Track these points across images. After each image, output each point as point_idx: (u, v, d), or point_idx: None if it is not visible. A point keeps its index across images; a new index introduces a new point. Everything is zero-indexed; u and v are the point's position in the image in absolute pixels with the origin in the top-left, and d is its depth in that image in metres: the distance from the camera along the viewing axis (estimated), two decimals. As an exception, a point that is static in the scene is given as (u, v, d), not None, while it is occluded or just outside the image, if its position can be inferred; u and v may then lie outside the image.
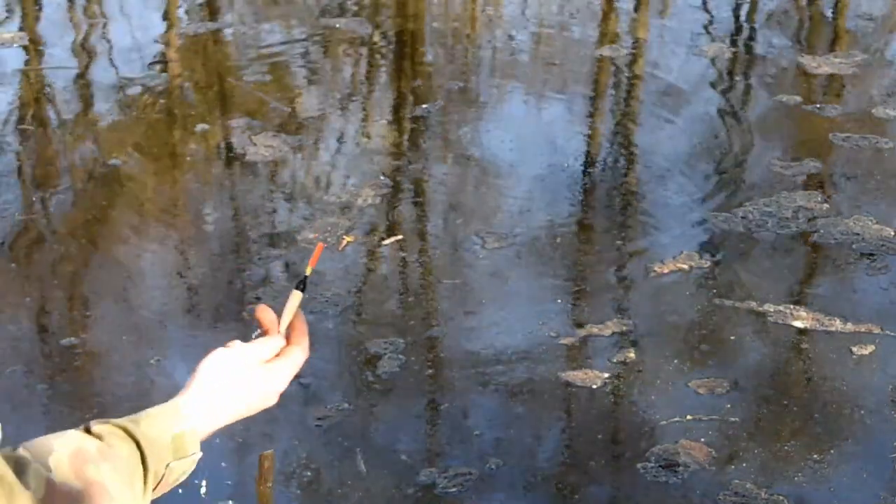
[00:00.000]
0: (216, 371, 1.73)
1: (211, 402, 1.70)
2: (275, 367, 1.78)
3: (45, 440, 1.56)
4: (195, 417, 1.68)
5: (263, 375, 1.77)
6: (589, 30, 7.60)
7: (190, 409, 1.68)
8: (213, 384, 1.71)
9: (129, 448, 1.59)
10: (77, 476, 1.52)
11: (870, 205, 5.70)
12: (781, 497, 4.11)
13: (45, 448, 1.54)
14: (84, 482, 1.53)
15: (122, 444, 1.59)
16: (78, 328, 4.95)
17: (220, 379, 1.72)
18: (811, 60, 7.03)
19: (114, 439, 1.59)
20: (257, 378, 1.76)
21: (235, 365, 1.74)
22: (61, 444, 1.55)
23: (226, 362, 1.74)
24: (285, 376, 1.80)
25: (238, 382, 1.74)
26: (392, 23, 7.68)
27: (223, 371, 1.73)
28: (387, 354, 4.73)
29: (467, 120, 6.55)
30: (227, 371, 1.73)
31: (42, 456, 1.53)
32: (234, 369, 1.74)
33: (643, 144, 6.28)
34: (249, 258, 5.37)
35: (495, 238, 5.45)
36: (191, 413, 1.68)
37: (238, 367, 1.74)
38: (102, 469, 1.55)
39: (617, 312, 4.99)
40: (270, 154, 6.13)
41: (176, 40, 7.48)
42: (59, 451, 1.54)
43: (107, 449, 1.57)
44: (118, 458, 1.58)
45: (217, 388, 1.71)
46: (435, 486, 4.16)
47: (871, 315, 4.95)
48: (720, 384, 4.60)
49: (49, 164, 6.23)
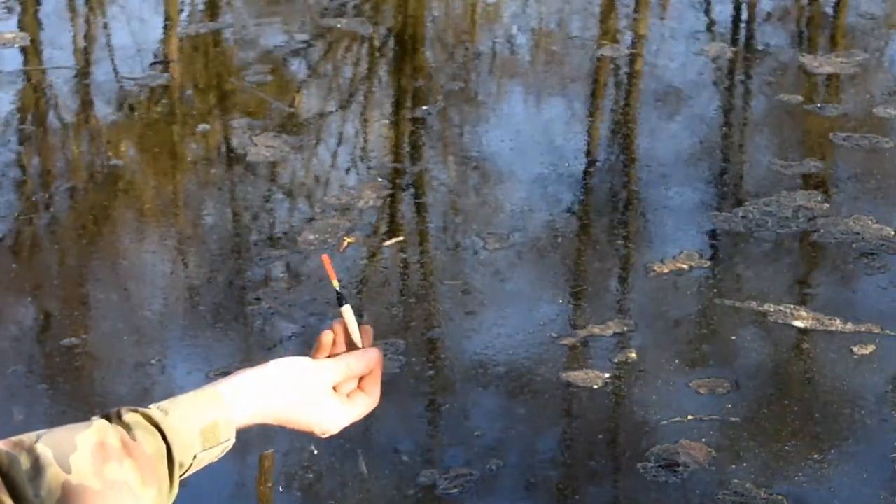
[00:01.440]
0: (285, 372, 1.68)
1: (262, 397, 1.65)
2: (346, 403, 1.73)
3: (69, 433, 1.51)
4: (237, 407, 1.62)
5: (331, 401, 1.71)
6: (589, 29, 7.60)
7: (233, 397, 1.62)
8: (274, 382, 1.66)
9: (155, 443, 1.54)
10: (97, 475, 1.48)
11: (870, 204, 5.70)
12: (780, 497, 4.11)
13: (68, 444, 1.49)
14: (104, 483, 1.48)
15: (149, 437, 1.54)
16: (79, 328, 4.95)
17: (283, 380, 1.67)
18: (812, 60, 7.03)
19: (140, 432, 1.54)
20: (324, 400, 1.70)
21: (309, 376, 1.69)
22: (84, 439, 1.50)
23: (300, 369, 1.69)
24: (347, 417, 1.73)
25: (302, 391, 1.68)
26: (392, 22, 7.69)
27: (292, 375, 1.68)
28: (387, 355, 4.73)
29: (468, 120, 6.55)
30: (296, 377, 1.68)
31: (63, 454, 1.48)
32: (305, 379, 1.69)
33: (644, 144, 6.28)
34: (250, 259, 5.37)
35: (496, 239, 5.45)
36: (233, 402, 1.62)
37: (310, 379, 1.69)
38: (125, 466, 1.50)
39: (618, 312, 4.99)
40: (271, 154, 6.13)
41: (177, 40, 7.49)
42: (82, 447, 1.49)
43: (132, 443, 1.52)
44: (143, 454, 1.52)
45: (276, 387, 1.66)
46: (435, 486, 4.16)
47: (871, 315, 4.95)
48: (721, 384, 4.60)
49: (50, 164, 6.24)
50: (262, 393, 1.65)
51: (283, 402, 1.67)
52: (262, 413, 1.66)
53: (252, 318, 4.96)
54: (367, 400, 1.76)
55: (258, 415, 1.65)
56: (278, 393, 1.67)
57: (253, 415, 1.65)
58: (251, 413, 1.65)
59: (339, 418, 1.73)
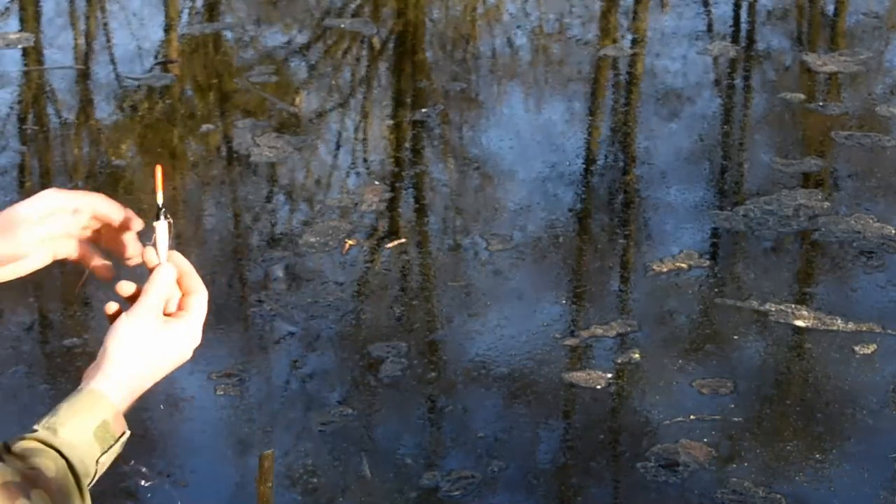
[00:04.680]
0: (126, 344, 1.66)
1: (128, 376, 1.64)
2: (182, 323, 1.70)
3: None
4: (116, 398, 1.62)
5: (173, 335, 1.69)
6: (589, 29, 7.60)
7: (108, 390, 1.62)
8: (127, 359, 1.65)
9: (54, 464, 1.53)
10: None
11: (871, 203, 5.70)
12: (780, 496, 4.12)
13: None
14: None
15: (47, 460, 1.53)
16: (80, 328, 4.95)
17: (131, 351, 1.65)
18: (816, 58, 7.02)
19: (36, 458, 1.53)
20: (168, 340, 1.68)
21: (143, 332, 1.67)
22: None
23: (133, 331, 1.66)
24: (195, 329, 1.72)
25: (150, 349, 1.66)
26: (395, 23, 7.69)
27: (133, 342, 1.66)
28: (390, 358, 4.74)
29: (468, 121, 6.55)
30: (136, 340, 1.66)
31: None
32: (143, 338, 1.67)
33: (645, 143, 6.28)
34: (251, 260, 5.37)
35: (498, 240, 5.46)
36: (110, 394, 1.62)
37: (146, 334, 1.67)
38: (35, 497, 1.49)
39: (620, 313, 4.99)
40: (274, 155, 6.13)
41: (180, 41, 7.49)
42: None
43: (32, 473, 1.51)
44: (46, 480, 1.51)
45: (130, 361, 1.65)
46: (438, 489, 4.17)
47: (872, 314, 4.95)
48: (724, 384, 4.60)
49: (51, 164, 6.24)
50: (125, 371, 1.64)
51: (145, 368, 1.66)
52: (137, 388, 1.66)
53: (253, 318, 4.97)
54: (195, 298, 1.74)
55: (135, 392, 1.65)
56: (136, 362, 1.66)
57: (130, 394, 1.65)
58: (127, 395, 1.64)
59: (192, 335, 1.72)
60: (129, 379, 1.65)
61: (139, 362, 1.66)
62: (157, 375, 1.68)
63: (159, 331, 1.69)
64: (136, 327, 1.67)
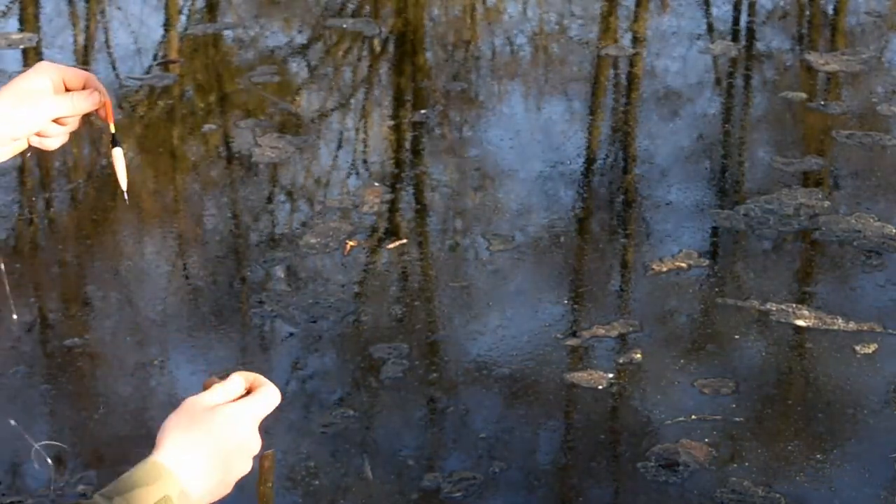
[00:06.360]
0: (183, 420, 1.62)
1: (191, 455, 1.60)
2: (248, 402, 1.66)
3: None
4: (183, 475, 1.59)
5: (222, 416, 1.63)
6: (589, 29, 7.60)
7: (171, 463, 1.59)
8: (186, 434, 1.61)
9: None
10: None
11: (872, 202, 5.69)
12: (780, 496, 4.12)
13: None
14: None
15: None
16: (80, 329, 4.95)
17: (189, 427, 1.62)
18: (818, 57, 7.02)
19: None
20: (218, 420, 1.63)
21: (195, 409, 1.63)
22: None
23: (188, 411, 1.63)
24: (255, 414, 1.66)
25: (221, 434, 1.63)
26: (396, 23, 7.68)
27: (188, 418, 1.62)
28: (391, 359, 4.74)
29: (468, 121, 6.55)
30: (190, 417, 1.62)
31: None
32: (194, 413, 1.63)
33: (645, 142, 6.28)
34: (252, 260, 5.37)
35: (499, 240, 5.45)
36: (173, 468, 1.58)
37: (197, 410, 1.63)
38: None
39: (622, 313, 4.99)
40: (276, 155, 6.13)
41: (181, 41, 7.49)
42: None
43: None
44: None
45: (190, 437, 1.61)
46: (439, 490, 4.17)
47: (872, 313, 4.94)
48: (725, 384, 4.60)
49: (51, 164, 6.24)
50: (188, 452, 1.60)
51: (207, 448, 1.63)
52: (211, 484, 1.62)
53: (253, 319, 4.97)
54: (264, 392, 1.68)
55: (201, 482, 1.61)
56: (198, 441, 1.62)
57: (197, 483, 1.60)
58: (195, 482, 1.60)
59: (252, 425, 1.67)
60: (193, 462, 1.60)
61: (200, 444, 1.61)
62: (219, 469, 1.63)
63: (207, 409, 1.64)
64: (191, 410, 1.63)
